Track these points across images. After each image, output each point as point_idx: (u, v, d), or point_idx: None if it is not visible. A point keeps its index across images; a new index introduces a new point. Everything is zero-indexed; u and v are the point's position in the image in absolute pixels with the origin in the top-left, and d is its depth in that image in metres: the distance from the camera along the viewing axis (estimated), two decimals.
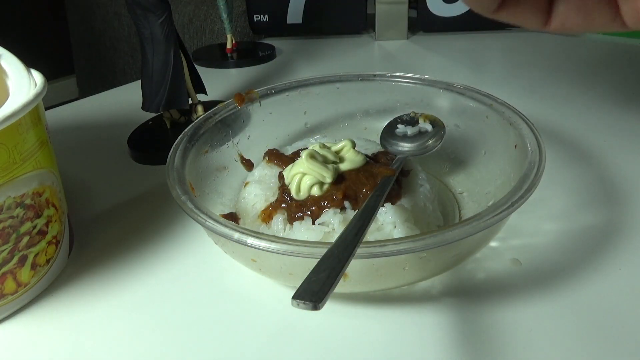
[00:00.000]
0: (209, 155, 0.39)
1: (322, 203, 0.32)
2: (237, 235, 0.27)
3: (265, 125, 0.43)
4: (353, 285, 0.29)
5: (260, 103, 0.43)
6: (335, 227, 0.31)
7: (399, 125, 0.40)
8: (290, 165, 0.35)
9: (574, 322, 0.29)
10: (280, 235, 0.31)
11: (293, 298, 0.20)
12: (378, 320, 0.30)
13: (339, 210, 0.32)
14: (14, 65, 0.33)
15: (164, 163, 0.34)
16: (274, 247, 0.26)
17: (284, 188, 0.34)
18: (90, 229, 0.40)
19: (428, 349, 0.28)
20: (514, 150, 0.35)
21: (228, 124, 0.41)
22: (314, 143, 0.37)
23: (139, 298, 0.33)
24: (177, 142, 0.36)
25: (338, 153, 0.35)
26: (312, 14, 0.88)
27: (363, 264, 0.28)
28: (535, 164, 0.31)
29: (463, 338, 0.29)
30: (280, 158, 0.38)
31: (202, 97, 0.57)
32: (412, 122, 0.41)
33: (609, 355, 0.27)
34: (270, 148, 0.40)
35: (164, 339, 0.30)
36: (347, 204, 0.32)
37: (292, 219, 0.32)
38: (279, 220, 0.33)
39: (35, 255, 0.32)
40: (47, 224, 0.33)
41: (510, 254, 0.35)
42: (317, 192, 0.32)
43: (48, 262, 0.33)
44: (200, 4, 1.24)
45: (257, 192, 0.36)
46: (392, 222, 0.31)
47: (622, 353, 0.27)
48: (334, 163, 0.34)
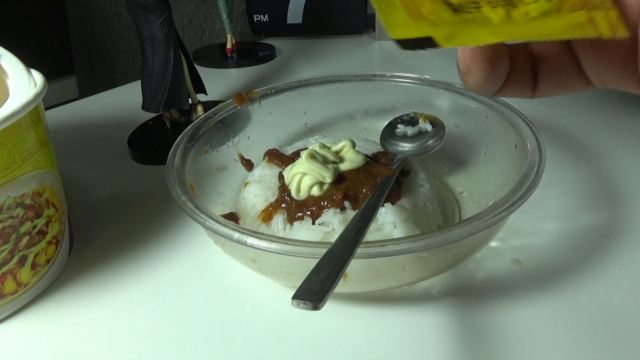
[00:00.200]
0: (209, 155, 0.39)
1: (322, 203, 0.32)
2: (237, 235, 0.27)
3: (265, 125, 0.43)
4: (353, 285, 0.29)
5: (260, 103, 0.43)
6: (335, 227, 0.31)
7: (399, 125, 0.40)
8: (290, 165, 0.35)
9: (574, 322, 0.29)
10: (280, 235, 0.31)
11: (293, 298, 0.20)
12: (378, 320, 0.30)
13: (339, 210, 0.32)
14: (14, 65, 0.33)
15: (164, 163, 0.34)
16: (274, 247, 0.26)
17: (284, 188, 0.34)
18: (90, 229, 0.40)
19: (428, 349, 0.28)
20: (514, 150, 0.35)
21: (228, 124, 0.41)
22: (314, 143, 0.37)
23: (139, 298, 0.33)
24: (177, 142, 0.36)
25: (338, 153, 0.35)
26: (312, 14, 0.88)
27: (363, 264, 0.28)
28: (535, 164, 0.31)
29: (463, 338, 0.29)
30: (280, 158, 0.38)
31: (202, 97, 0.57)
32: (412, 122, 0.41)
33: (609, 355, 0.27)
34: (270, 148, 0.40)
35: (164, 339, 0.30)
36: (347, 204, 0.32)
37: (292, 219, 0.32)
38: (279, 220, 0.33)
39: (35, 255, 0.32)
40: (47, 224, 0.33)
41: (510, 254, 0.35)
42: (317, 192, 0.32)
43: (48, 262, 0.33)
44: (200, 4, 1.24)
45: (257, 192, 0.36)
46: (392, 222, 0.31)
47: (622, 353, 0.27)
48: (334, 163, 0.34)
